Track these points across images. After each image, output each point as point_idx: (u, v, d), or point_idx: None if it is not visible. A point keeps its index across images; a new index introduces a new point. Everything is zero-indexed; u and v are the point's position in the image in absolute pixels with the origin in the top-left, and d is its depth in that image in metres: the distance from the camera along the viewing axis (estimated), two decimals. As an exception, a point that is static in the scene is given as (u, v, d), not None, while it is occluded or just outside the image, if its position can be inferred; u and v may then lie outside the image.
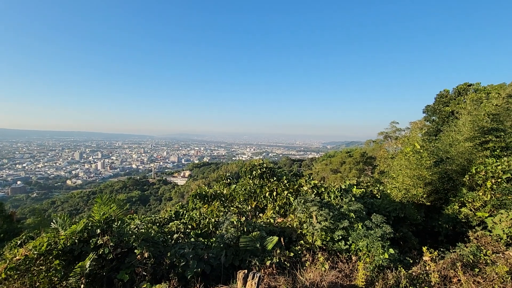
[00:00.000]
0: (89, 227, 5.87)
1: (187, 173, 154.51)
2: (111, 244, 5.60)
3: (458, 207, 8.11)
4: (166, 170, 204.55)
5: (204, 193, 10.11)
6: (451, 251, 6.22)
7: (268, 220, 8.02)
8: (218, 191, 10.72)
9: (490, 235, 6.57)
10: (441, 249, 6.50)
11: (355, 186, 10.08)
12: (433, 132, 20.78)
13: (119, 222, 6.13)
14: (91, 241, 5.67)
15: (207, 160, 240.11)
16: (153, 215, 10.45)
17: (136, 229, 6.47)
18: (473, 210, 7.78)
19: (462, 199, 8.13)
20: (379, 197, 10.11)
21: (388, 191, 9.60)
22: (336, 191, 8.19)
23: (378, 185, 11.33)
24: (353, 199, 7.75)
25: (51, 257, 5.40)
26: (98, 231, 5.78)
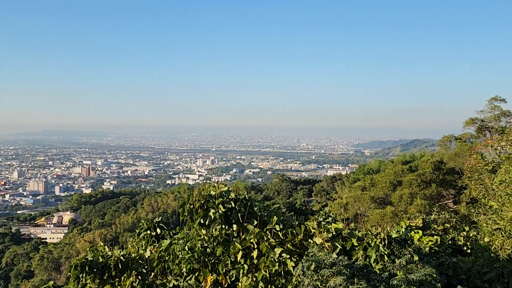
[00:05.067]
0: None
1: (67, 216, 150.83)
2: None
3: None
4: (19, 212, 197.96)
5: (103, 259, 9.94)
6: None
7: (242, 311, 8.01)
8: (135, 255, 10.54)
9: None
10: None
11: (420, 232, 10.35)
12: None
13: None
14: None
15: (111, 188, 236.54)
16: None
17: None
18: None
19: None
20: (468, 251, 10.47)
21: (486, 240, 9.99)
22: (381, 244, 8.40)
23: (467, 228, 11.74)
24: (417, 258, 7.98)
25: None
26: None
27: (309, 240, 9.28)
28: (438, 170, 39.17)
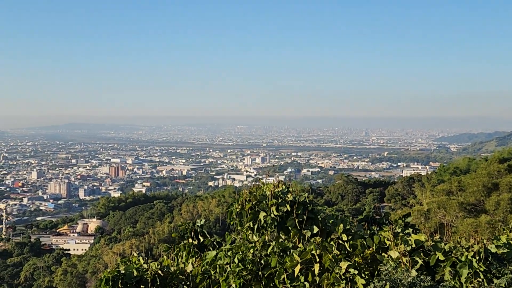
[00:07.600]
0: None
1: (93, 224, 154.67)
2: None
3: None
4: (38, 219, 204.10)
5: (138, 273, 10.15)
6: None
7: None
8: (175, 268, 10.68)
9: None
10: None
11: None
12: None
13: None
14: None
15: (144, 191, 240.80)
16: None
17: None
18: None
19: None
20: None
21: None
22: (474, 259, 8.21)
23: None
24: (520, 278, 7.76)
25: None
26: None
27: (383, 253, 9.16)
28: (545, 170, 37.98)
